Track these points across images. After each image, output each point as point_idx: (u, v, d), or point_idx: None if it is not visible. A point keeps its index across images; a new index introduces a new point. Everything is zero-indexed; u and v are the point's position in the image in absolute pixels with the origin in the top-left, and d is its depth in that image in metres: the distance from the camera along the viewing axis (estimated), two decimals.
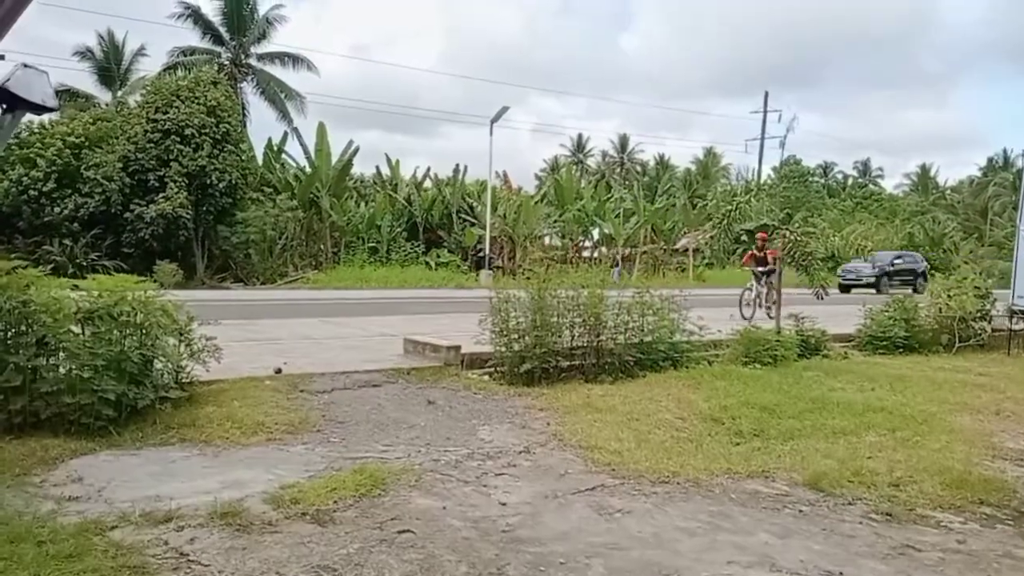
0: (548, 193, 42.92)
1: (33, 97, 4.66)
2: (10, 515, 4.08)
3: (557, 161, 69.55)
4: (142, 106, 27.29)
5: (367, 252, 34.16)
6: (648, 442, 6.20)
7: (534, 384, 8.45)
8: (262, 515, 4.36)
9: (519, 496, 4.89)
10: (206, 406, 6.59)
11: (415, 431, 6.47)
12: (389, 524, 4.32)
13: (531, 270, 10.45)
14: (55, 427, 5.72)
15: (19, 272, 6.01)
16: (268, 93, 38.57)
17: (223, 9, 37.01)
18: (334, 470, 5.27)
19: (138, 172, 25.45)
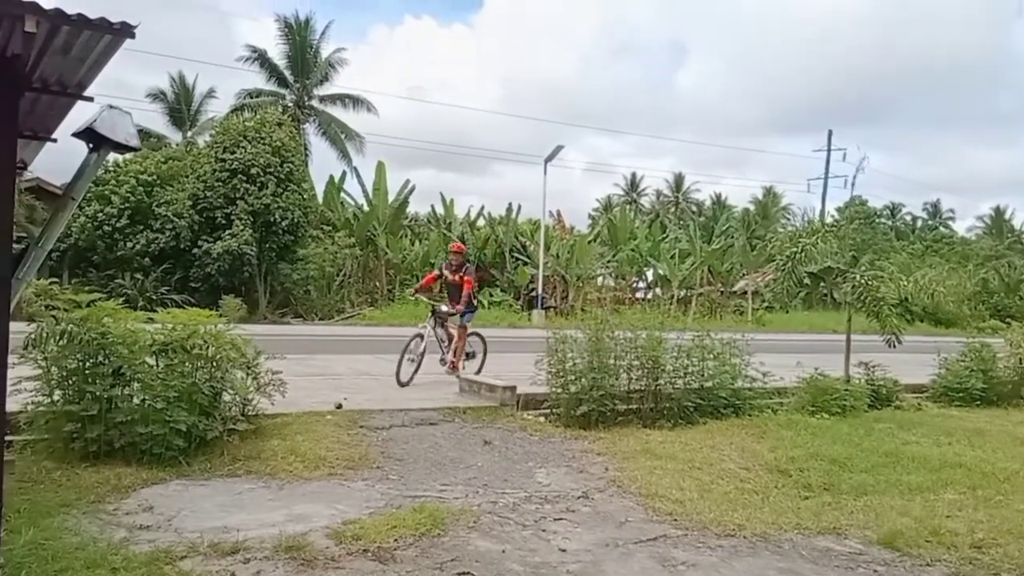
0: (601, 233, 42.88)
1: (117, 137, 4.91)
2: (86, 541, 4.21)
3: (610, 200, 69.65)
4: (211, 146, 28.33)
5: None
6: (711, 492, 6.07)
7: (590, 427, 8.38)
8: (325, 550, 4.42)
9: (579, 543, 4.84)
10: (271, 439, 6.73)
11: (472, 471, 6.48)
12: (449, 565, 4.32)
13: (584, 310, 10.81)
14: (128, 456, 5.91)
15: (98, 305, 6.28)
16: (329, 133, 39.68)
17: (288, 53, 38.41)
18: (394, 508, 5.32)
19: (206, 210, 26.32)
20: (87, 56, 3.93)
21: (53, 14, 3.42)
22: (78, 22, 3.51)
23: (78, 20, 3.50)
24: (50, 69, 4.09)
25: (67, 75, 4.22)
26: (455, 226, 38.17)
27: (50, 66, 4.04)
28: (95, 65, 4.08)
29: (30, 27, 3.39)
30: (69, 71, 4.15)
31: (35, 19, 3.38)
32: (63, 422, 5.88)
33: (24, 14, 3.35)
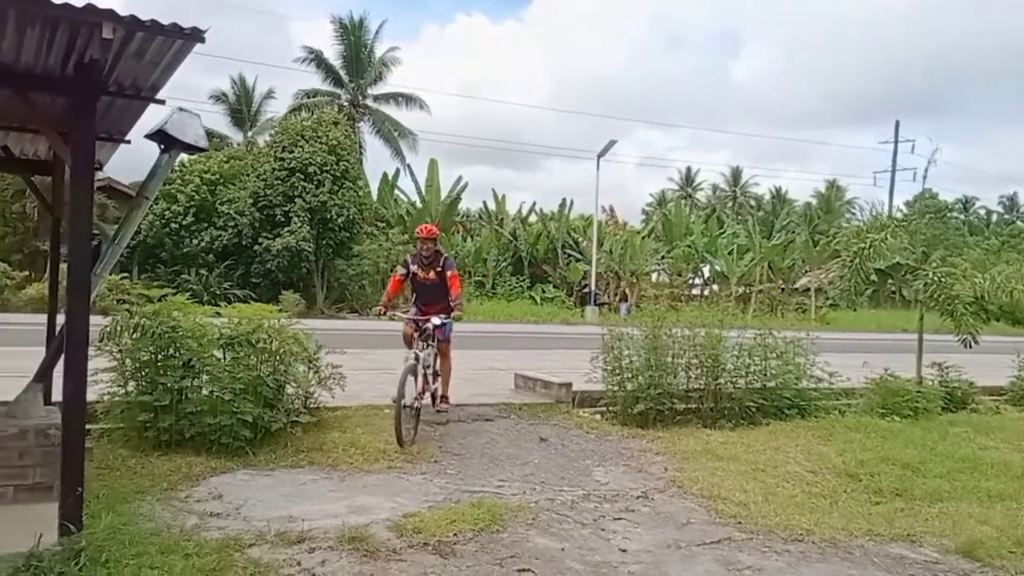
0: (656, 228, 42.51)
1: (187, 138, 5.08)
2: (160, 527, 4.36)
3: (664, 195, 68.82)
4: (270, 145, 29.04)
5: (473, 286, 34.79)
6: (777, 495, 5.93)
7: (648, 426, 8.29)
8: (387, 542, 4.48)
9: (640, 544, 4.78)
10: (332, 431, 6.87)
11: (529, 468, 6.48)
12: (509, 561, 4.33)
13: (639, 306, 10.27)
14: (198, 445, 6.10)
15: (168, 300, 6.49)
16: (383, 132, 40.21)
17: (343, 53, 39.04)
18: (453, 502, 5.36)
19: (266, 207, 26.98)
20: (159, 60, 4.07)
21: (129, 20, 3.54)
22: (151, 28, 3.63)
23: (151, 26, 3.63)
24: (125, 73, 4.25)
25: (140, 79, 4.38)
26: (507, 222, 38.33)
27: (125, 70, 4.19)
28: (167, 69, 4.22)
29: (107, 33, 3.53)
30: (142, 75, 4.31)
31: (112, 25, 3.52)
32: (137, 412, 6.11)
33: (102, 21, 3.49)
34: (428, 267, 7.75)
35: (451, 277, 7.72)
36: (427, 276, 7.79)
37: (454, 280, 7.73)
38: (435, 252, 7.75)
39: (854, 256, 10.19)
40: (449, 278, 7.71)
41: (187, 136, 5.04)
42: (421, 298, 7.91)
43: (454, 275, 7.75)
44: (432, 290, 7.79)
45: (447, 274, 7.71)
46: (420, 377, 7.05)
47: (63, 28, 3.60)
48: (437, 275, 7.74)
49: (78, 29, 3.60)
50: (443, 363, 7.92)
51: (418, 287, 7.91)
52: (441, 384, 7.94)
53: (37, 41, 3.74)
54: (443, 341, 7.75)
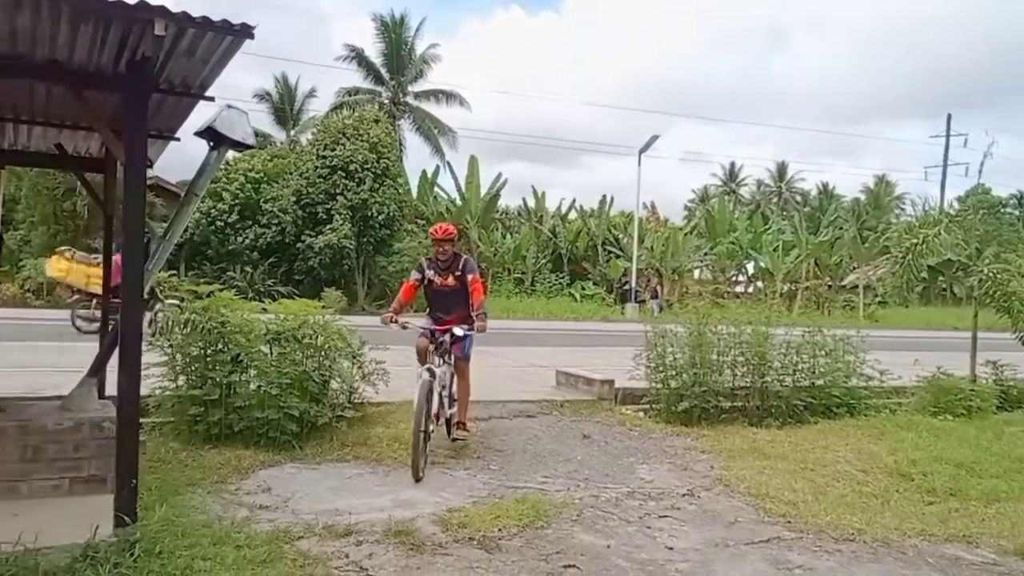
0: (698, 225, 42.06)
1: (235, 135, 5.15)
2: (212, 519, 4.43)
3: (707, 191, 68.08)
4: (313, 144, 29.38)
5: (513, 283, 34.81)
6: (826, 494, 5.82)
7: (693, 424, 8.21)
8: (432, 536, 4.49)
9: (686, 542, 4.72)
10: (376, 426, 6.93)
11: (572, 464, 6.45)
12: (554, 558, 4.31)
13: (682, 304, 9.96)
14: (246, 439, 6.20)
15: (216, 296, 6.60)
16: (423, 129, 40.41)
17: (384, 51, 39.31)
18: (497, 498, 5.36)
19: (309, 205, 27.32)
20: (209, 57, 4.11)
21: (180, 17, 3.58)
22: (202, 24, 3.67)
23: (202, 22, 3.66)
24: (175, 71, 4.30)
25: (190, 76, 4.43)
26: (546, 219, 38.26)
27: (176, 68, 4.25)
28: (216, 66, 4.26)
29: (159, 30, 3.57)
30: (192, 72, 4.36)
31: (164, 22, 3.56)
32: (187, 406, 6.22)
33: (153, 18, 3.53)
34: (446, 272, 6.60)
35: (472, 282, 6.53)
36: (445, 282, 6.63)
37: (476, 286, 6.54)
38: (453, 255, 6.66)
39: (905, 252, 9.94)
40: (470, 283, 6.52)
41: (235, 133, 5.12)
42: (437, 307, 6.72)
43: (476, 280, 6.58)
44: (450, 298, 6.62)
45: (467, 279, 6.53)
46: (436, 397, 6.00)
47: (116, 25, 3.65)
48: (456, 280, 6.59)
49: (130, 26, 3.64)
50: (460, 384, 6.68)
51: (434, 295, 6.75)
52: (459, 409, 6.66)
53: (90, 39, 3.81)
54: (461, 358, 6.61)
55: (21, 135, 5.74)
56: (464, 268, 6.62)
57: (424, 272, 6.73)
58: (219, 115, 5.08)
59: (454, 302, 6.63)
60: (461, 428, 6.64)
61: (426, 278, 6.69)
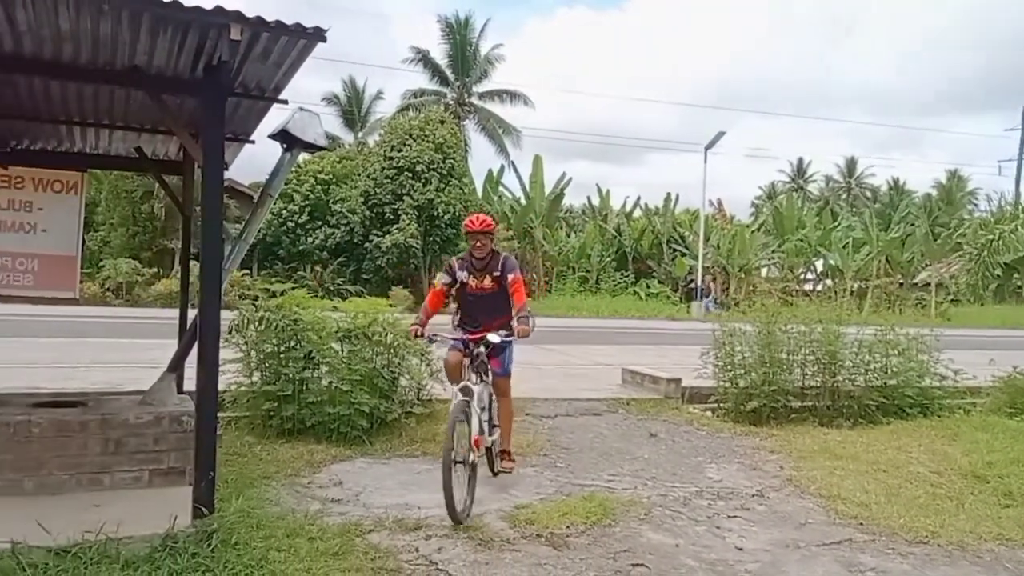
0: (766, 222, 41.10)
1: (307, 137, 5.27)
2: (285, 511, 4.56)
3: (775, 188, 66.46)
4: (380, 145, 29.90)
5: (577, 281, 34.71)
6: (899, 496, 5.66)
7: (762, 423, 8.06)
8: (500, 532, 4.53)
9: (756, 542, 4.65)
10: (444, 422, 6.91)
11: (639, 463, 6.41)
12: (622, 556, 4.29)
13: (748, 302, 9.69)
14: (318, 434, 6.35)
15: (289, 294, 6.78)
16: (488, 129, 40.64)
17: (448, 52, 39.67)
18: (564, 495, 5.36)
19: (376, 205, 27.82)
20: (283, 61, 4.21)
21: (254, 21, 3.68)
22: (276, 28, 3.76)
23: (276, 26, 3.76)
24: (250, 74, 4.43)
25: (265, 80, 4.55)
26: (611, 217, 38.00)
27: (250, 72, 4.37)
28: (290, 69, 4.37)
29: (235, 35, 3.68)
30: (267, 76, 4.48)
31: (239, 27, 3.67)
32: (262, 401, 6.42)
33: (229, 23, 3.64)
34: (482, 272, 5.55)
35: (513, 283, 5.44)
36: (481, 284, 5.55)
37: (517, 287, 5.43)
38: (491, 252, 5.58)
39: (980, 249, 9.56)
40: (510, 284, 5.44)
41: (308, 135, 5.25)
42: (472, 315, 5.60)
43: (517, 280, 5.47)
44: (488, 303, 5.53)
45: (507, 279, 5.45)
46: (475, 419, 5.02)
47: (193, 31, 3.78)
48: (495, 282, 5.51)
49: (207, 31, 3.77)
50: (502, 406, 5.67)
51: (467, 301, 5.65)
52: (501, 435, 5.67)
53: (169, 44, 3.95)
54: (501, 375, 5.57)
55: (103, 139, 5.98)
56: (504, 267, 5.51)
57: (455, 274, 5.61)
58: (292, 118, 5.22)
59: (493, 308, 5.49)
60: (505, 459, 5.68)
61: (458, 281, 5.61)
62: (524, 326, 5.23)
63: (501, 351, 5.45)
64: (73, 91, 4.78)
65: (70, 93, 4.83)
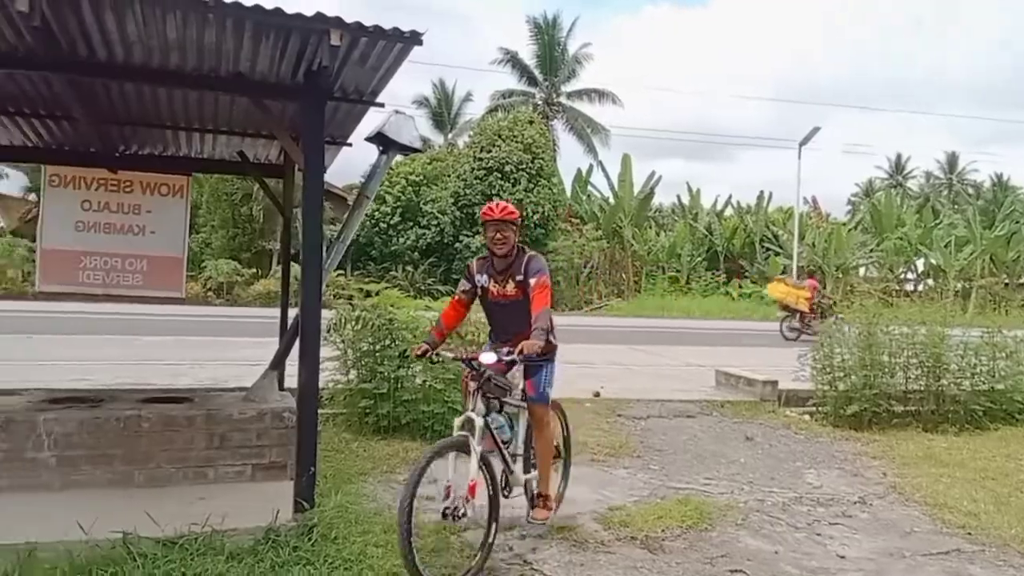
0: (863, 220, 39.39)
1: (402, 139, 5.35)
2: (382, 507, 4.65)
3: (872, 184, 63.61)
4: (469, 146, 30.28)
5: (667, 281, 34.17)
6: (1010, 506, 5.37)
7: (863, 428, 7.76)
8: (595, 534, 4.49)
9: (858, 551, 4.48)
10: None
11: (735, 467, 6.25)
12: (720, 561, 4.19)
13: (845, 302, 9.28)
14: (413, 431, 6.46)
15: (384, 294, 6.92)
16: (576, 128, 40.50)
17: (536, 52, 39.75)
18: (658, 498, 5.29)
19: (466, 206, 28.15)
20: (380, 65, 4.29)
21: (354, 26, 3.76)
22: (374, 32, 3.83)
23: (374, 31, 3.82)
24: (349, 79, 4.53)
25: (362, 83, 4.65)
26: (701, 216, 37.24)
27: (349, 76, 4.47)
28: (387, 73, 4.45)
29: (335, 40, 3.76)
30: (364, 80, 4.57)
31: (339, 32, 3.75)
32: (358, 398, 6.57)
33: (330, 28, 3.73)
34: (504, 275, 4.44)
35: (535, 287, 4.30)
36: (503, 291, 4.46)
37: (539, 292, 4.28)
38: (515, 249, 4.45)
39: None
40: (532, 289, 4.30)
41: (403, 138, 5.34)
42: (503, 327, 4.55)
43: (540, 284, 4.30)
44: (515, 313, 4.38)
45: (529, 284, 4.32)
46: (473, 461, 3.87)
47: (294, 37, 3.88)
48: (518, 287, 4.40)
49: (308, 37, 3.87)
50: (538, 441, 4.54)
51: (491, 311, 4.66)
52: (539, 477, 4.55)
53: (271, 51, 4.07)
54: (536, 401, 4.46)
55: (207, 143, 6.24)
56: (527, 269, 4.37)
57: (474, 278, 4.56)
58: (388, 120, 5.31)
59: (522, 320, 4.27)
60: (541, 506, 4.46)
61: (478, 287, 4.55)
62: (534, 341, 3.99)
63: (535, 371, 4.41)
64: (179, 97, 5.00)
65: (176, 99, 5.06)
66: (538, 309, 4.21)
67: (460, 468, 3.83)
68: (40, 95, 4.87)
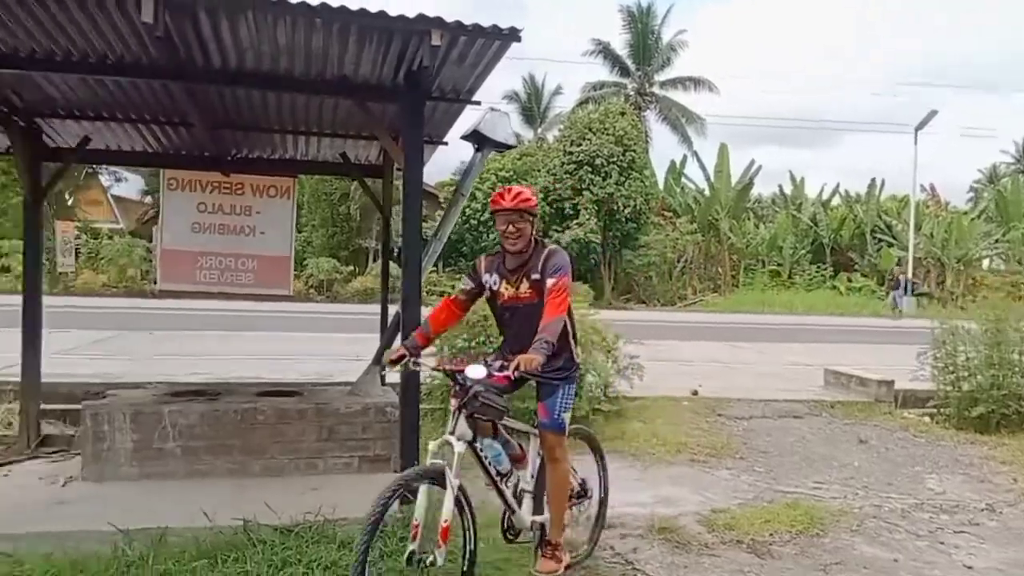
0: (987, 208, 36.93)
1: (497, 137, 5.35)
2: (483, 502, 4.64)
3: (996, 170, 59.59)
4: (559, 140, 30.16)
5: (768, 275, 33.02)
6: None
7: (990, 431, 7.29)
8: (698, 536, 4.37)
9: (987, 561, 4.21)
10: (632, 421, 6.90)
11: (848, 471, 5.97)
12: (833, 568, 4.01)
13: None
14: None
15: None
16: (669, 118, 39.69)
17: (630, 42, 39.16)
18: (764, 501, 5.10)
19: (556, 201, 28.07)
20: (478, 63, 4.30)
21: (454, 26, 3.78)
22: (473, 31, 3.84)
23: (473, 29, 3.83)
24: (447, 78, 4.56)
25: (460, 82, 4.68)
26: (805, 206, 35.78)
27: (447, 75, 4.50)
28: (484, 71, 4.46)
29: (436, 40, 3.80)
30: (462, 78, 4.59)
31: (440, 32, 3.78)
32: None
33: (431, 28, 3.76)
34: (518, 274, 3.67)
35: (552, 288, 3.50)
36: (516, 293, 3.67)
37: (555, 294, 3.48)
38: (532, 243, 3.69)
39: None
40: (548, 290, 3.51)
41: (498, 135, 5.34)
42: (516, 337, 3.64)
43: (558, 284, 3.50)
44: (530, 321, 3.51)
45: (547, 283, 3.53)
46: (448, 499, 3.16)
47: (396, 39, 3.95)
48: (533, 288, 3.60)
49: (409, 38, 3.92)
50: (551, 477, 3.71)
51: (502, 318, 3.83)
52: (551, 519, 3.72)
53: (374, 54, 4.16)
54: (549, 428, 3.63)
55: (311, 146, 6.43)
56: (544, 267, 3.59)
57: (480, 278, 3.80)
58: (483, 118, 5.33)
59: (527, 323, 3.53)
60: (549, 555, 3.66)
61: (486, 287, 3.78)
62: (533, 355, 3.21)
63: (549, 392, 3.62)
64: (287, 101, 5.17)
65: (284, 103, 5.23)
66: (550, 316, 3.41)
67: (433, 504, 3.13)
68: (160, 103, 5.14)
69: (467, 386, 3.29)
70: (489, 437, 3.51)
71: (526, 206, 3.62)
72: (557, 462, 3.67)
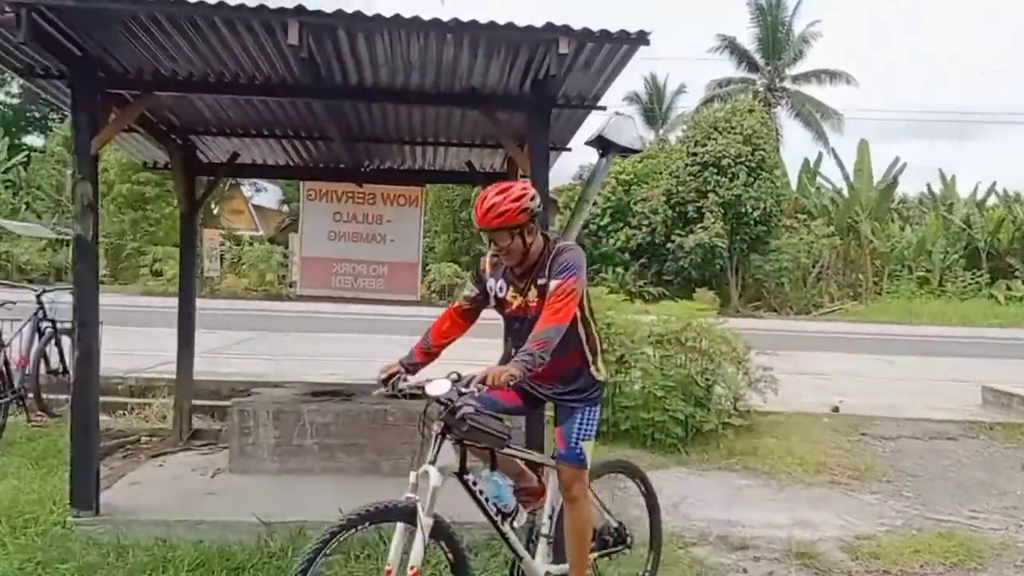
0: None
1: (623, 141, 5.23)
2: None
3: None
4: (682, 141, 29.40)
5: (915, 282, 30.81)
6: None
7: None
8: (840, 563, 4.11)
9: None
10: (764, 437, 6.59)
11: (1010, 499, 5.47)
12: None
13: None
14: (632, 439, 6.35)
15: (601, 297, 6.86)
16: (802, 114, 37.91)
17: (758, 36, 37.69)
18: (914, 529, 4.75)
19: (679, 204, 27.40)
20: (604, 68, 4.22)
21: (582, 33, 3.72)
22: (601, 37, 3.76)
23: (601, 35, 3.76)
24: (572, 85, 4.51)
25: (585, 88, 4.61)
26: (957, 207, 33.17)
27: (572, 82, 4.45)
28: (611, 76, 4.37)
29: (563, 48, 3.75)
30: (587, 85, 4.53)
31: (567, 39, 3.73)
32: None
33: (559, 36, 3.72)
34: (526, 279, 3.17)
35: (554, 291, 2.96)
36: (525, 301, 3.18)
37: (556, 297, 2.94)
38: (542, 244, 3.16)
39: None
40: (550, 293, 2.98)
41: (623, 139, 5.23)
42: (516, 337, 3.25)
43: (561, 287, 2.95)
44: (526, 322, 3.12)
45: (549, 287, 2.99)
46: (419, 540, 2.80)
47: (524, 48, 3.95)
48: (542, 298, 3.05)
49: (536, 47, 3.91)
50: (568, 517, 3.21)
51: (511, 327, 3.39)
52: (571, 569, 3.23)
53: (501, 64, 4.17)
54: (567, 461, 3.15)
55: (439, 156, 6.57)
56: (551, 268, 3.04)
57: (485, 283, 3.34)
58: (608, 123, 5.24)
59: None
60: None
61: (492, 294, 3.31)
62: (508, 368, 2.76)
63: (566, 416, 3.16)
64: (417, 114, 5.30)
65: (414, 116, 5.37)
66: (543, 324, 2.88)
67: (406, 546, 2.76)
68: (302, 119, 5.41)
69: (452, 406, 2.84)
70: (487, 468, 3.08)
71: (501, 223, 2.98)
72: (575, 500, 3.13)
